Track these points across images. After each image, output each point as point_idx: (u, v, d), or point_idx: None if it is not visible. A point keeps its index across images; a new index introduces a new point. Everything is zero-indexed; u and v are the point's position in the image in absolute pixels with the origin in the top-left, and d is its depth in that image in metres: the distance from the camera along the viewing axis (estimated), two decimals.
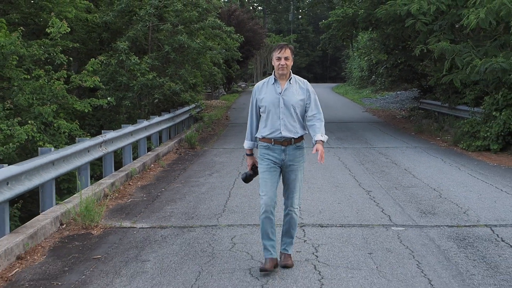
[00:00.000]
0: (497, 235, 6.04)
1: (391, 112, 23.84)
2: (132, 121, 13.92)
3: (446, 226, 6.41)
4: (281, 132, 4.83)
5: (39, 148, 7.66)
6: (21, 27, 11.82)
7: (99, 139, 9.12)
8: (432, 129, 16.69)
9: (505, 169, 10.36)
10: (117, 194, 8.29)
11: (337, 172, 10.04)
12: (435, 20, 13.66)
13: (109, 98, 12.85)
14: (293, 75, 4.95)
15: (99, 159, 9.39)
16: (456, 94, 16.29)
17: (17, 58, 11.26)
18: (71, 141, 10.94)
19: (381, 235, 6.06)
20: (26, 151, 10.54)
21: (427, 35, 13.95)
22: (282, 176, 4.96)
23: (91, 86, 12.35)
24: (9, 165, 6.23)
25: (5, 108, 10.46)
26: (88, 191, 7.51)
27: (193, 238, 6.01)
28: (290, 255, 5.04)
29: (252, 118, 5.05)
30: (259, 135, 4.97)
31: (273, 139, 4.86)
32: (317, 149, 4.75)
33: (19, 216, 8.91)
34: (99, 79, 12.37)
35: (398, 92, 32.23)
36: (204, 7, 16.98)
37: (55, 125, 10.90)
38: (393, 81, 27.47)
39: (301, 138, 4.93)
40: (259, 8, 69.28)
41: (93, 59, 12.57)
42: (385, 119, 21.44)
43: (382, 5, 15.38)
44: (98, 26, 16.14)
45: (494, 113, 12.56)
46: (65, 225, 6.52)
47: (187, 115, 17.16)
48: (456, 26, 13.65)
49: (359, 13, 18.54)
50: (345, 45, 35.98)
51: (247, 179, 5.13)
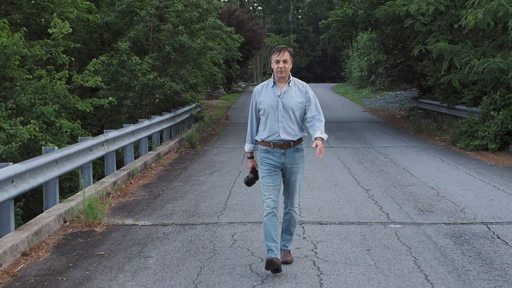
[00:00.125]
0: (493, 232, 6.14)
1: (390, 112, 23.91)
2: (133, 120, 14.01)
3: (443, 223, 6.51)
4: (280, 135, 4.86)
5: (42, 147, 7.76)
6: (23, 28, 11.88)
7: (101, 138, 9.20)
8: (431, 129, 16.77)
9: (503, 168, 10.47)
10: (119, 193, 8.39)
11: (336, 171, 10.14)
12: (433, 20, 13.76)
13: (110, 98, 12.91)
14: (292, 78, 4.97)
15: (101, 158, 9.48)
16: (455, 94, 16.39)
17: (19, 58, 11.34)
18: (73, 140, 11.03)
19: (379, 232, 6.16)
20: (28, 150, 10.62)
21: (426, 35, 14.05)
22: (283, 178, 5.00)
23: (93, 86, 12.43)
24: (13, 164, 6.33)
25: (8, 108, 10.54)
26: (91, 190, 7.61)
27: (194, 235, 6.10)
28: (290, 251, 5.15)
29: (252, 121, 5.09)
30: (258, 138, 4.99)
31: (272, 143, 4.88)
32: (316, 144, 4.74)
33: (21, 214, 9.00)
34: (100, 79, 12.46)
35: (398, 92, 32.31)
36: (205, 7, 17.08)
37: (57, 124, 10.97)
38: (393, 81, 27.57)
39: (300, 140, 4.96)
40: (259, 8, 69.41)
41: (95, 59, 12.62)
42: (384, 118, 21.51)
43: (381, 5, 15.48)
44: (99, 26, 16.24)
45: (492, 112, 12.66)
46: (68, 222, 6.62)
47: (187, 115, 17.25)
48: (455, 27, 13.72)
49: (358, 13, 18.61)
50: (345, 45, 36.17)
51: (249, 182, 5.18)
